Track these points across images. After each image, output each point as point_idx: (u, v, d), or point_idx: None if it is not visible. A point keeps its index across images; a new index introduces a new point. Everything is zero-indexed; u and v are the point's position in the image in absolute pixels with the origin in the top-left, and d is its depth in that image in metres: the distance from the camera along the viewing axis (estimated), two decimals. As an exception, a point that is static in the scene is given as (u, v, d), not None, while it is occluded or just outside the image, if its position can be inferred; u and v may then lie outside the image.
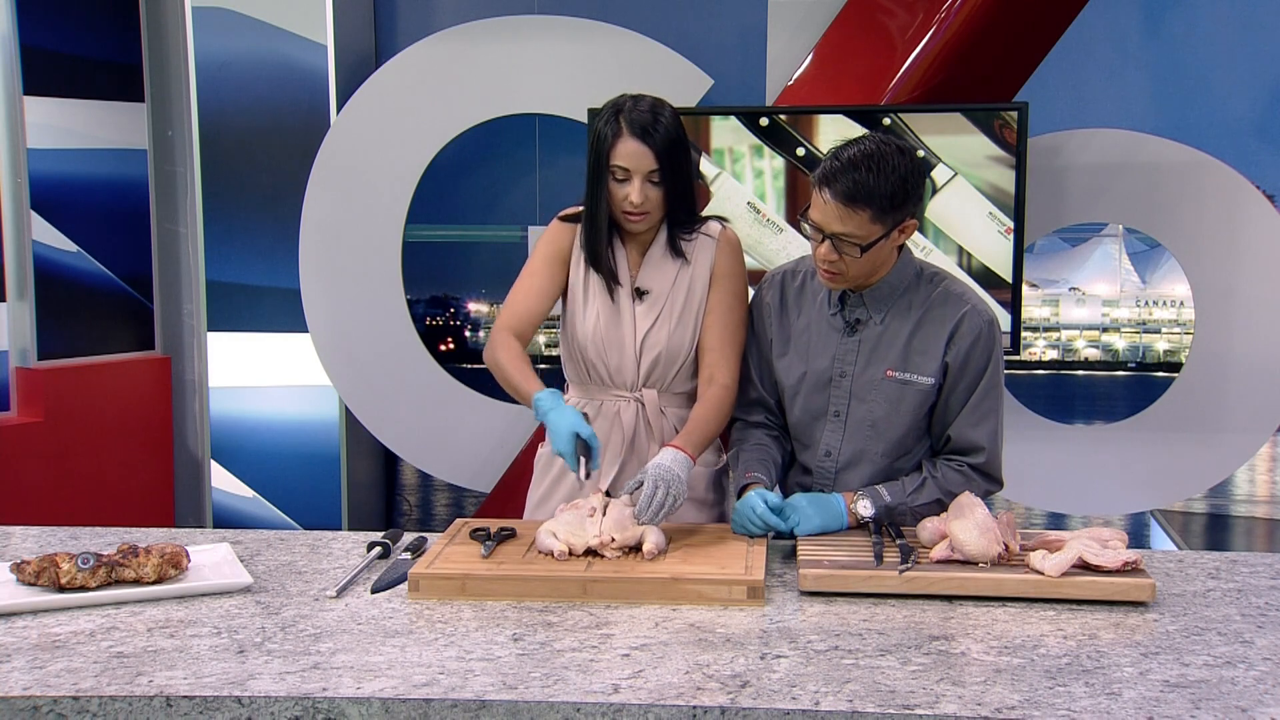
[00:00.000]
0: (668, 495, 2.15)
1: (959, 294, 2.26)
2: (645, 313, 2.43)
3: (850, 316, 2.28)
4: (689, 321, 2.43)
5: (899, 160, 2.10)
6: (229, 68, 4.49)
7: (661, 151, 2.30)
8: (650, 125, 2.30)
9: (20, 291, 4.50)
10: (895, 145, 2.13)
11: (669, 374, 2.45)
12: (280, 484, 4.67)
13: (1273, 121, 4.21)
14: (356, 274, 4.31)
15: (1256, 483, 5.82)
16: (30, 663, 1.69)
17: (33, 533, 2.38)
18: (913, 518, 2.24)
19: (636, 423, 2.46)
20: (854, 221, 2.10)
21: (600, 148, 2.34)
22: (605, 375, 2.46)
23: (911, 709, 1.52)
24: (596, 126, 2.36)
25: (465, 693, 1.57)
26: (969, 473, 2.26)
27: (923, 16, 3.82)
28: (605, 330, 2.43)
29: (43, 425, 4.44)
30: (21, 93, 4.41)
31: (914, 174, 2.13)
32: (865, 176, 2.07)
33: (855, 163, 2.09)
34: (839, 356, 2.29)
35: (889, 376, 2.26)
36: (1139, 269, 6.17)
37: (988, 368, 2.25)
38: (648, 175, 2.31)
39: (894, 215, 2.12)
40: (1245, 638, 1.79)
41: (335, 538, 2.33)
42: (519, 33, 4.19)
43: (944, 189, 3.75)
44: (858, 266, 2.17)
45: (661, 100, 2.38)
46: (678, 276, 2.44)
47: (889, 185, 2.08)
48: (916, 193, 2.15)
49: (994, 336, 2.26)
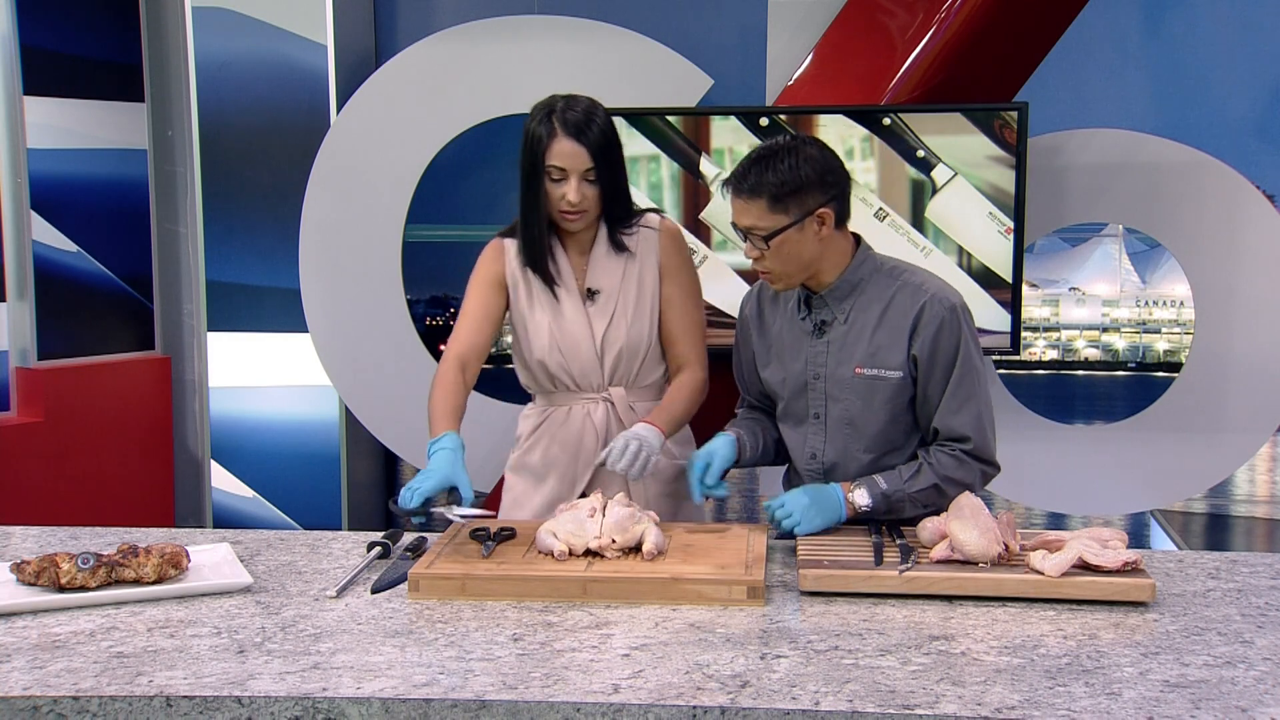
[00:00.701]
0: (640, 448, 2.24)
1: (918, 284, 2.26)
2: (600, 312, 2.46)
3: (816, 319, 2.31)
4: (644, 314, 2.47)
5: (793, 153, 2.18)
6: (229, 68, 4.49)
7: (596, 150, 2.34)
8: (584, 124, 2.34)
9: (20, 291, 4.50)
10: (797, 141, 2.21)
11: (633, 369, 2.48)
12: (280, 484, 4.67)
13: (1273, 121, 4.21)
14: (356, 274, 4.31)
15: (1256, 483, 5.82)
16: (30, 663, 1.69)
17: (33, 533, 2.38)
18: (911, 506, 2.24)
19: (608, 421, 2.48)
20: (753, 213, 2.19)
21: (535, 149, 2.35)
22: (570, 381, 2.48)
23: (911, 709, 1.52)
24: (529, 128, 2.37)
25: (465, 693, 1.57)
26: (962, 457, 2.26)
27: (923, 16, 3.82)
28: (563, 338, 2.45)
29: (43, 425, 4.44)
30: (21, 93, 4.42)
31: (809, 164, 2.18)
32: (757, 170, 2.18)
33: (752, 161, 2.20)
34: (810, 359, 2.32)
35: (858, 374, 2.27)
36: (1139, 269, 6.18)
37: (958, 353, 2.23)
38: (584, 174, 2.34)
39: (793, 203, 2.17)
40: (1245, 638, 1.79)
41: (335, 538, 2.34)
42: (519, 33, 4.19)
43: (944, 189, 3.75)
44: (779, 260, 2.21)
45: (593, 100, 2.42)
46: (625, 272, 2.47)
47: (779, 176, 2.16)
48: (819, 181, 2.18)
49: (959, 321, 2.24)
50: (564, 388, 2.50)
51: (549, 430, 2.52)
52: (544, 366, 2.47)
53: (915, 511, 2.24)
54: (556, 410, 2.51)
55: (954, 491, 2.19)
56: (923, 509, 2.23)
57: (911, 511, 2.24)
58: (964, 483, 2.24)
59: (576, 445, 2.49)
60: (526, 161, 2.37)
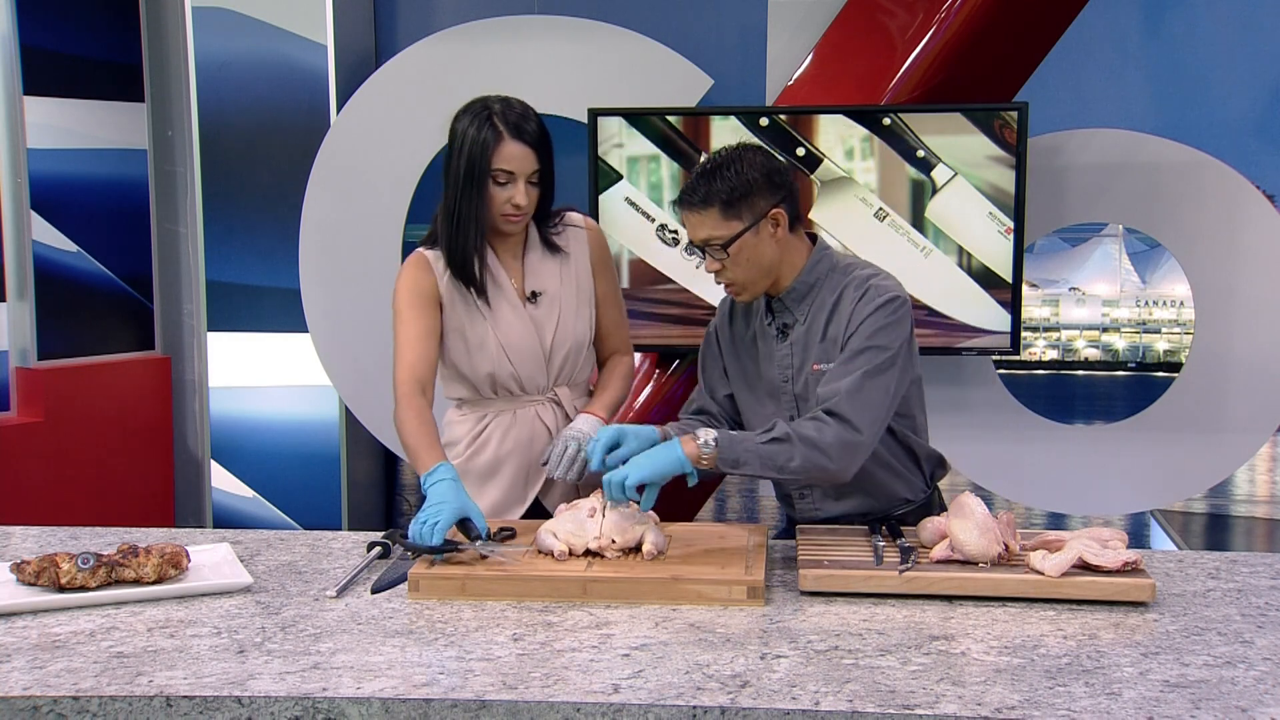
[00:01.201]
0: (579, 450, 2.30)
1: (864, 277, 2.25)
2: (545, 315, 2.45)
3: (779, 322, 2.31)
4: (584, 313, 2.49)
5: (737, 160, 2.19)
6: (229, 68, 4.49)
7: (542, 151, 2.35)
8: (529, 127, 2.33)
9: (20, 291, 4.50)
10: (739, 149, 2.22)
11: (576, 367, 2.51)
12: (280, 484, 4.67)
13: (1273, 121, 4.20)
14: (356, 274, 4.31)
15: (1256, 483, 5.82)
16: (30, 663, 1.69)
17: (33, 533, 2.38)
18: (761, 464, 2.12)
19: (557, 421, 2.48)
20: (707, 224, 2.19)
21: (478, 153, 2.31)
22: (516, 387, 2.45)
23: (911, 709, 1.52)
24: (467, 132, 2.32)
25: (465, 693, 1.57)
26: (821, 415, 2.14)
27: (923, 16, 3.82)
28: (509, 345, 2.42)
29: (43, 425, 4.44)
30: (21, 93, 4.42)
31: (754, 168, 2.18)
32: (703, 182, 2.19)
33: (698, 175, 2.21)
34: (779, 363, 2.32)
35: (815, 370, 2.26)
36: (1139, 269, 6.18)
37: (871, 331, 2.18)
38: (529, 176, 2.34)
39: (744, 208, 2.17)
40: (1245, 638, 1.79)
41: (335, 538, 2.34)
42: (519, 33, 4.19)
43: (944, 189, 3.75)
44: (740, 268, 2.21)
45: (523, 100, 2.41)
46: (562, 272, 2.47)
47: (727, 183, 2.17)
48: (766, 183, 2.19)
49: (889, 307, 2.19)
50: (507, 394, 2.46)
51: (495, 434, 2.46)
52: (492, 377, 2.43)
53: (768, 474, 2.14)
54: (500, 415, 2.47)
55: (809, 454, 2.10)
56: (777, 473, 2.13)
57: (762, 471, 2.13)
58: (818, 443, 2.10)
59: (528, 445, 2.46)
60: (465, 166, 2.32)
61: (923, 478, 2.41)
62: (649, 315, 3.92)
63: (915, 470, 2.39)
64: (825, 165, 3.78)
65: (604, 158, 3.88)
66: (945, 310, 3.81)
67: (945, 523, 2.05)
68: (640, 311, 3.90)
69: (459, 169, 2.33)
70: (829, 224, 3.80)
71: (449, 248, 2.38)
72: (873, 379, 2.16)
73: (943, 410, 4.15)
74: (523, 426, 2.46)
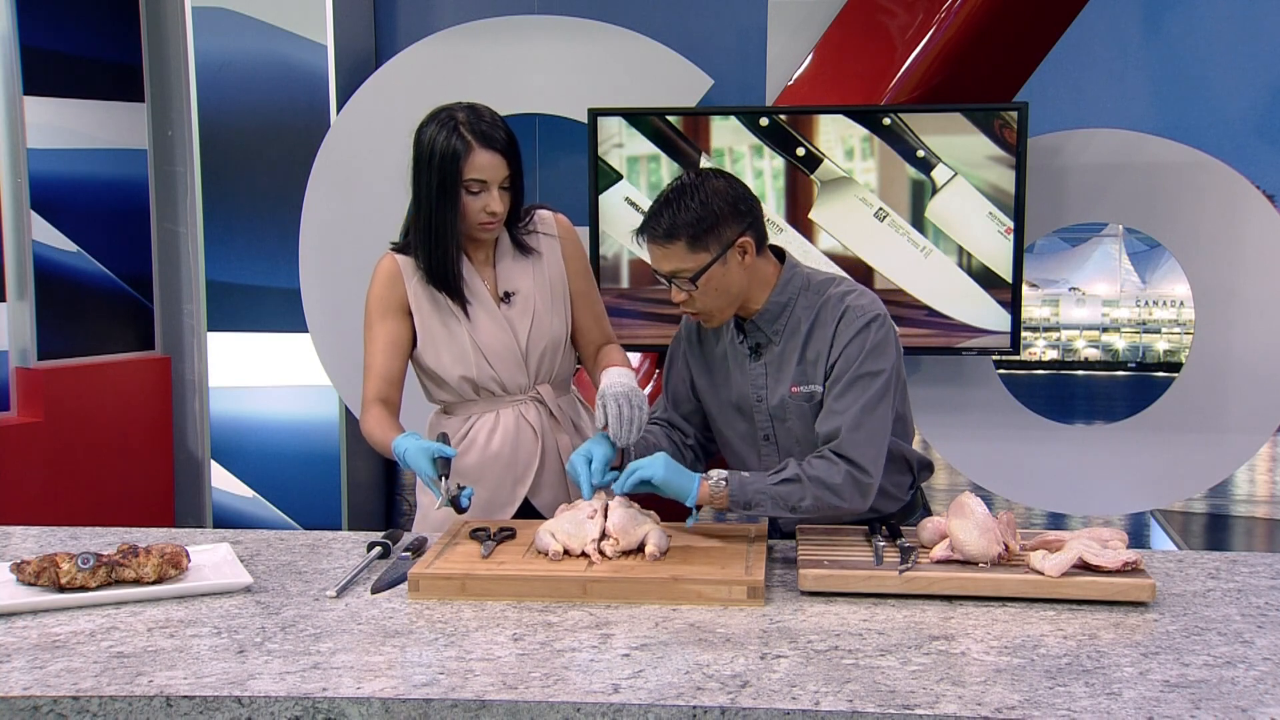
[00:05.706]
0: (633, 408, 2.23)
1: (840, 295, 2.24)
2: (520, 315, 2.45)
3: (751, 342, 2.30)
4: (560, 310, 2.49)
5: (700, 189, 2.16)
6: (229, 68, 4.49)
7: (510, 157, 2.34)
8: (498, 134, 2.33)
9: (20, 291, 4.50)
10: (701, 176, 2.19)
11: (555, 365, 2.50)
12: (280, 484, 4.67)
13: (1273, 121, 4.20)
14: (356, 274, 4.27)
15: (1256, 483, 5.82)
16: (30, 663, 1.69)
17: (33, 533, 2.39)
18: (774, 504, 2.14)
19: (541, 421, 2.48)
20: (674, 257, 2.17)
21: (449, 165, 2.31)
22: (497, 388, 2.46)
23: (911, 709, 1.52)
24: (435, 144, 2.33)
25: (465, 693, 1.58)
26: (829, 455, 2.17)
27: (923, 16, 3.82)
28: (486, 347, 2.42)
29: (43, 425, 4.44)
30: (21, 93, 4.41)
31: (719, 196, 2.16)
32: (668, 213, 2.16)
33: (661, 205, 2.18)
34: (751, 382, 2.31)
35: (794, 393, 2.25)
36: (1139, 269, 6.19)
37: (859, 357, 2.19)
38: (501, 182, 2.34)
39: (711, 239, 2.15)
40: (1245, 638, 1.79)
41: (335, 538, 2.34)
42: (519, 33, 4.19)
43: (944, 189, 3.75)
44: (709, 298, 2.19)
45: (487, 105, 2.41)
46: (535, 272, 2.48)
47: (691, 214, 2.14)
48: (733, 212, 2.16)
49: (872, 329, 2.19)
50: (489, 395, 2.47)
51: (481, 435, 2.46)
52: (470, 380, 2.43)
53: (780, 513, 2.17)
54: (484, 416, 2.47)
55: (820, 494, 2.13)
56: (789, 513, 2.17)
57: (774, 511, 2.17)
58: (829, 483, 2.14)
59: (514, 446, 2.46)
60: (436, 177, 2.32)
61: (911, 479, 2.42)
62: (649, 315, 3.92)
63: (905, 471, 2.41)
64: (825, 165, 3.78)
65: (604, 158, 3.88)
66: (945, 310, 3.81)
67: (945, 523, 2.05)
68: (640, 311, 3.90)
69: (430, 182, 2.34)
70: (829, 224, 3.80)
71: (428, 260, 2.39)
72: (870, 412, 2.18)
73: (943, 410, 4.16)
74: (508, 427, 2.46)
